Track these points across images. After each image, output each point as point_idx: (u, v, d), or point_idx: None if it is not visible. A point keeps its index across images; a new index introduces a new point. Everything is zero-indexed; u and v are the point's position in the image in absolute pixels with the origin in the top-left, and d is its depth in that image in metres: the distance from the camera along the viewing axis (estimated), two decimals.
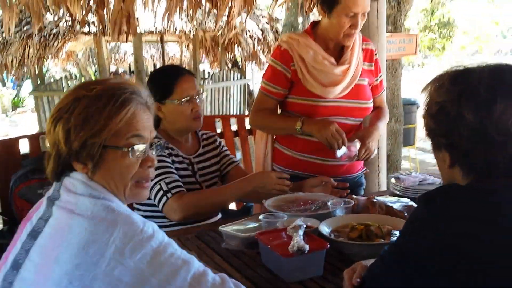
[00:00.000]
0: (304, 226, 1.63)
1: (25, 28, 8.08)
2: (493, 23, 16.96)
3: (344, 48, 2.42)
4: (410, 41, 5.42)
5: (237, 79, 10.47)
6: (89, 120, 1.20)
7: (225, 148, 2.51)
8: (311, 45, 2.37)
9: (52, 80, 12.80)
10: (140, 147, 1.27)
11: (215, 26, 4.47)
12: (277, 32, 9.77)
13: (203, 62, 16.19)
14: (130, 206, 2.27)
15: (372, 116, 2.54)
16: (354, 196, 2.05)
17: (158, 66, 22.78)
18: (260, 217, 1.83)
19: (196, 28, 8.25)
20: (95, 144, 1.21)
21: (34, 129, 10.51)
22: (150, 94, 1.35)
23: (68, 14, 3.37)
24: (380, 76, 2.59)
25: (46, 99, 9.07)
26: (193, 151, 2.36)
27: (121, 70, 18.83)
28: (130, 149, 1.25)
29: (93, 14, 3.80)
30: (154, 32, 8.47)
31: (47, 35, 8.01)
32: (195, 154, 2.35)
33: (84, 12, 3.50)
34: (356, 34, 2.34)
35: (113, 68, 19.29)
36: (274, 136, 2.58)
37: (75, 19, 3.33)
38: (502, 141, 1.07)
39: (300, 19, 7.23)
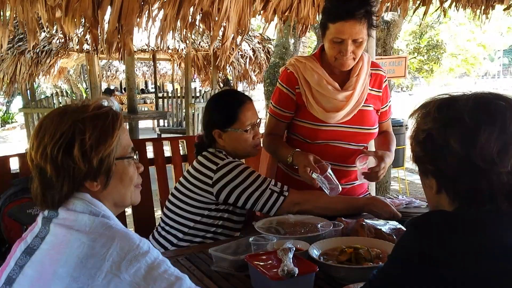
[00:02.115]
0: (294, 249, 1.64)
1: (17, 44, 8.08)
2: (480, 46, 17.23)
3: (351, 73, 2.42)
4: (400, 63, 5.50)
5: None
6: (102, 137, 1.29)
7: None
8: (317, 69, 2.39)
9: (43, 96, 12.77)
10: (135, 156, 1.43)
11: (210, 47, 4.49)
12: (268, 52, 9.85)
13: (194, 81, 16.25)
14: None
15: (382, 142, 2.56)
16: (343, 219, 2.06)
17: (149, 84, 22.96)
18: (250, 239, 1.84)
19: (188, 47, 8.28)
20: (110, 158, 1.31)
21: (23, 145, 10.46)
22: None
23: (61, 32, 3.38)
24: (389, 102, 2.60)
25: (36, 116, 9.03)
26: None
27: (112, 87, 18.83)
28: (133, 158, 1.40)
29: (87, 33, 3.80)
30: (147, 50, 8.49)
31: (40, 52, 8.03)
32: None
33: (81, 31, 3.52)
34: (351, 60, 2.31)
35: (104, 85, 19.29)
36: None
37: (69, 38, 3.33)
38: (487, 169, 1.10)
39: (292, 40, 7.31)
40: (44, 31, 7.22)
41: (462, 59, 16.59)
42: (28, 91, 9.99)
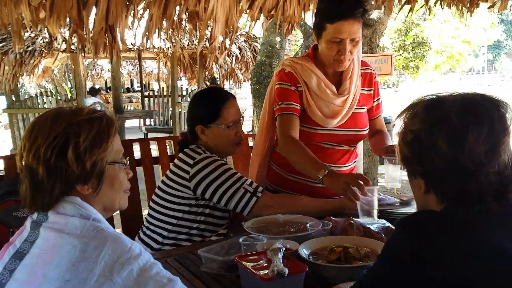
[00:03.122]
0: (283, 249, 1.64)
1: (1, 45, 7.99)
2: (465, 42, 17.38)
3: (343, 75, 2.42)
4: (386, 61, 5.55)
5: None
6: (97, 141, 1.30)
7: None
8: (314, 70, 2.38)
9: (27, 96, 12.64)
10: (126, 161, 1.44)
11: (198, 47, 4.49)
12: (255, 50, 9.85)
13: (180, 79, 16.20)
14: None
15: (380, 143, 2.48)
16: (332, 218, 2.07)
17: (135, 82, 22.86)
18: (240, 240, 1.83)
19: (175, 46, 8.25)
20: (103, 162, 1.31)
21: (7, 146, 10.34)
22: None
23: (46, 32, 3.34)
24: (378, 99, 2.59)
25: (21, 116, 8.95)
26: None
27: (97, 86, 18.69)
28: (124, 163, 1.41)
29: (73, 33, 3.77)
30: (132, 49, 8.45)
31: (24, 52, 7.94)
32: None
33: (65, 31, 3.48)
34: (347, 60, 2.30)
35: (89, 84, 19.15)
36: (268, 155, 2.61)
37: (54, 38, 3.30)
38: (475, 170, 1.11)
39: (278, 39, 7.32)
40: (28, 31, 7.17)
41: (447, 55, 16.73)
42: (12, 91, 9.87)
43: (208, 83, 11.49)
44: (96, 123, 1.32)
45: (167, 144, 3.57)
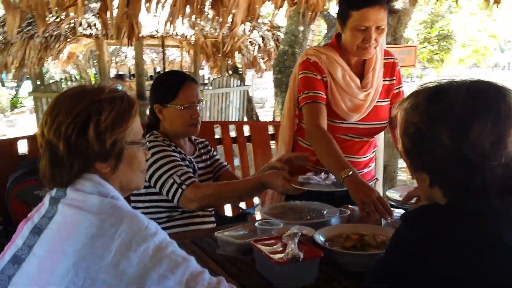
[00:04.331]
0: (299, 234, 1.64)
1: (26, 29, 8.10)
2: (491, 36, 17.04)
3: (366, 66, 2.38)
4: (409, 52, 5.44)
5: (237, 85, 10.49)
6: (118, 120, 1.31)
7: (215, 153, 2.61)
8: (339, 61, 2.34)
9: (51, 81, 12.79)
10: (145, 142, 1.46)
11: (219, 34, 4.49)
12: (278, 40, 9.80)
13: (203, 68, 16.23)
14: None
15: None
16: (350, 206, 2.06)
17: (158, 70, 23.00)
18: (256, 224, 1.84)
19: (197, 34, 8.26)
20: (122, 142, 1.32)
21: (32, 129, 10.51)
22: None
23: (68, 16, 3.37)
24: (400, 87, 2.53)
25: (45, 100, 9.07)
26: (191, 152, 2.45)
27: (121, 73, 18.84)
28: (143, 144, 1.43)
29: (95, 16, 3.79)
30: (156, 36, 8.48)
31: (49, 37, 8.03)
32: (193, 155, 2.44)
33: (91, 16, 3.51)
34: (373, 48, 2.25)
35: (113, 71, 19.32)
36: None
37: (79, 24, 3.33)
38: (479, 163, 1.06)
39: (301, 28, 7.28)
40: (53, 16, 7.24)
41: (472, 49, 16.42)
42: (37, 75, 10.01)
43: (230, 72, 11.49)
44: (118, 103, 1.33)
45: None
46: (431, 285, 1.04)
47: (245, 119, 10.54)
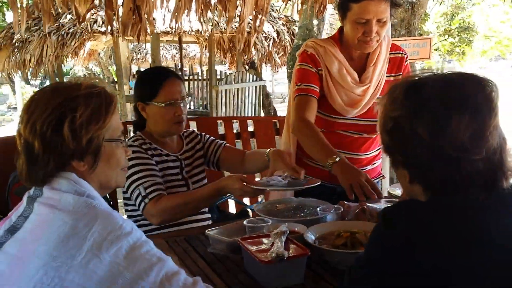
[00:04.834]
0: (288, 232, 1.61)
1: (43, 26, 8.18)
2: None
3: (368, 60, 2.32)
4: (424, 45, 5.35)
5: (252, 80, 10.45)
6: (94, 117, 1.28)
7: (208, 136, 2.52)
8: (337, 54, 2.29)
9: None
10: (124, 139, 1.43)
11: (226, 29, 4.45)
12: (293, 34, 9.73)
13: (224, 63, 16.22)
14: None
15: None
16: (346, 203, 2.01)
17: (179, 66, 23.09)
18: (245, 222, 1.81)
19: (211, 29, 8.24)
20: (99, 139, 1.30)
21: None
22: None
23: (75, 13, 3.38)
24: None
25: None
26: (178, 149, 2.39)
27: (141, 70, 18.96)
28: (122, 141, 1.39)
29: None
30: (170, 33, 8.49)
31: (65, 34, 8.10)
32: (181, 152, 2.38)
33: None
34: (375, 42, 2.19)
35: (134, 68, 19.45)
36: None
37: (82, 19, 3.34)
38: (458, 157, 1.04)
39: (316, 22, 7.20)
40: (70, 14, 7.30)
41: (495, 41, 16.08)
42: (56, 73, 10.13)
43: (247, 67, 11.46)
44: (94, 99, 1.30)
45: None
46: (418, 278, 1.01)
47: (262, 114, 10.49)
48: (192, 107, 11.90)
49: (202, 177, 2.41)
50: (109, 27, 3.78)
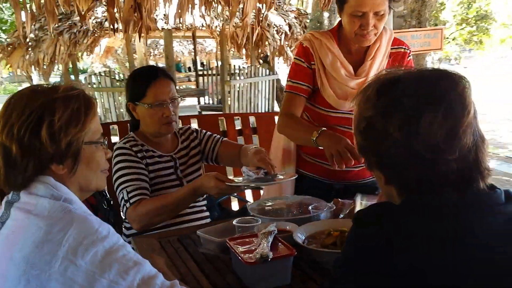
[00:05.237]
0: (275, 231, 1.59)
1: (56, 25, 8.23)
2: None
3: (366, 55, 2.28)
4: (435, 35, 5.25)
5: (265, 74, 10.39)
6: (72, 120, 1.26)
7: (205, 132, 2.49)
8: (332, 47, 2.25)
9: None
10: (104, 141, 1.40)
11: (230, 24, 4.42)
12: (305, 26, 9.64)
13: (242, 57, 16.17)
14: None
15: None
16: (339, 200, 1.98)
17: (198, 62, 23.12)
18: (234, 221, 1.79)
19: (222, 24, 8.21)
20: (79, 142, 1.28)
21: None
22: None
23: (77, 12, 3.39)
24: None
25: None
26: (173, 148, 2.36)
27: (161, 65, 19.05)
28: (102, 143, 1.37)
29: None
30: (181, 28, 8.48)
31: (77, 32, 8.15)
32: (175, 151, 2.36)
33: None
34: (372, 35, 2.15)
35: (151, 64, 19.52)
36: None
37: (84, 17, 3.34)
38: (432, 158, 1.00)
39: (326, 14, 7.13)
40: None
41: None
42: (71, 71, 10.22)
43: (261, 61, 11.41)
44: (73, 102, 1.28)
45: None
46: (393, 279, 0.98)
47: (276, 108, 10.45)
48: (206, 102, 11.94)
49: (198, 175, 2.38)
50: (112, 25, 3.77)
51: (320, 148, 2.03)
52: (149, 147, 2.28)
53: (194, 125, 3.01)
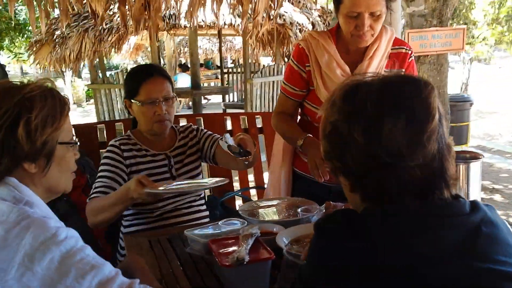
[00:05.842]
0: (258, 234, 1.57)
1: (82, 22, 8.37)
2: None
3: (365, 55, 2.24)
4: (457, 35, 5.16)
5: None
6: (49, 119, 1.26)
7: (205, 131, 2.47)
8: (329, 47, 2.23)
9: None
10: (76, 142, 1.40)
11: (242, 23, 4.39)
12: (329, 25, 9.56)
13: (270, 56, 16.15)
14: None
15: None
16: (331, 203, 1.95)
17: (229, 59, 23.19)
18: (219, 222, 1.78)
19: (245, 22, 8.20)
20: (54, 141, 1.28)
21: (91, 119, 10.89)
22: None
23: (91, 11, 3.43)
24: None
25: (103, 92, 9.36)
26: (169, 146, 2.36)
27: (184, 63, 19.20)
28: (74, 144, 1.37)
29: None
30: (203, 26, 8.51)
31: (102, 30, 8.27)
32: (171, 149, 2.35)
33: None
34: (369, 36, 2.12)
35: (182, 61, 19.71)
36: None
37: (98, 16, 3.38)
38: (393, 164, 0.98)
39: None
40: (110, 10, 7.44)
41: None
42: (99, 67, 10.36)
43: (286, 60, 11.36)
44: (50, 100, 1.28)
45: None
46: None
47: None
48: (230, 100, 11.97)
49: (196, 173, 2.37)
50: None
51: None
52: (142, 146, 2.28)
53: (199, 124, 3.02)
